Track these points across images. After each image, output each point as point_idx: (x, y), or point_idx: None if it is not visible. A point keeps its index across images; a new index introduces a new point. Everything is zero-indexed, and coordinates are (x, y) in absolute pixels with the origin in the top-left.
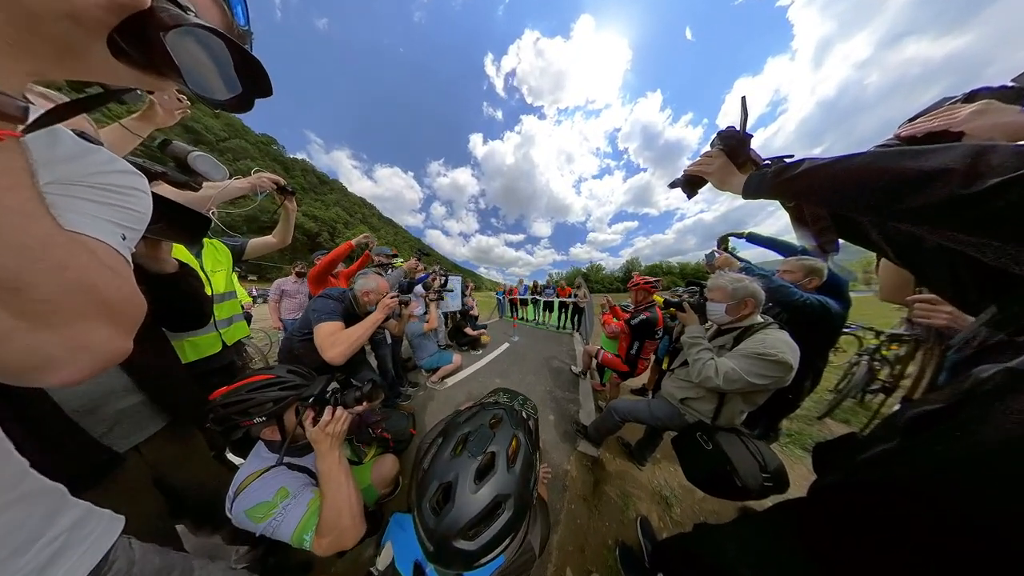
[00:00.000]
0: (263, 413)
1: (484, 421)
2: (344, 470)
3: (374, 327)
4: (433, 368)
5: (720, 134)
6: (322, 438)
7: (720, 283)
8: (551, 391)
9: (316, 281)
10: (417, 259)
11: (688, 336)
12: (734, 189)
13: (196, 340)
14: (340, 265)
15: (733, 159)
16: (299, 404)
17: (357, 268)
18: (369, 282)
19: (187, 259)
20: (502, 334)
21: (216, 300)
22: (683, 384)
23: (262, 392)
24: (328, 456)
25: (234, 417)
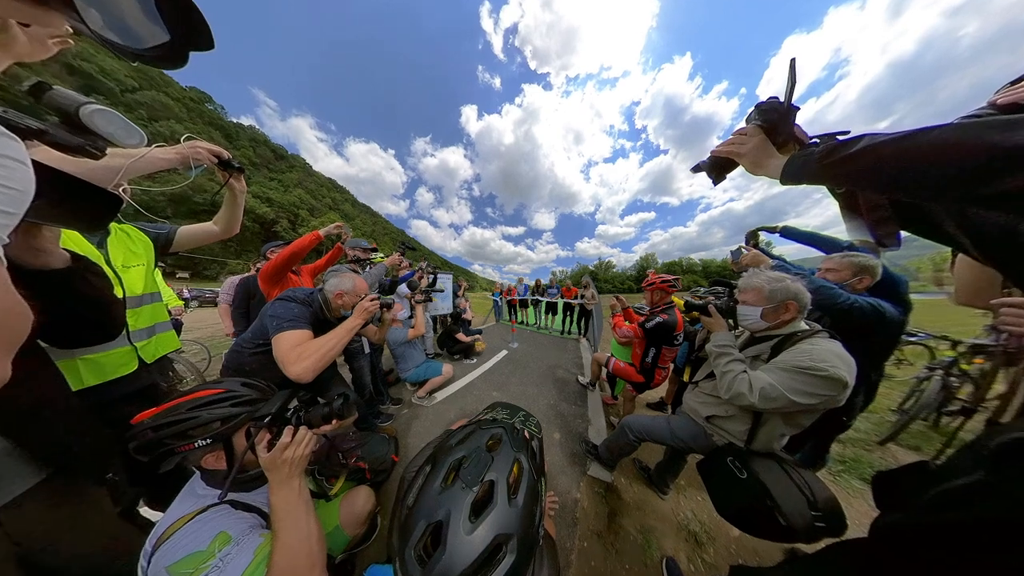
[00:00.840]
0: (208, 435)
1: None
2: (304, 504)
3: (350, 335)
4: (419, 381)
5: (759, 107)
6: (278, 464)
7: (754, 283)
8: (555, 405)
9: (271, 280)
10: (400, 254)
11: (715, 344)
12: (770, 173)
13: (98, 358)
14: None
15: (772, 137)
16: (252, 424)
17: (327, 264)
18: (343, 281)
19: (86, 250)
20: (499, 340)
21: (130, 304)
22: (709, 400)
23: (210, 409)
24: (284, 487)
25: (169, 441)
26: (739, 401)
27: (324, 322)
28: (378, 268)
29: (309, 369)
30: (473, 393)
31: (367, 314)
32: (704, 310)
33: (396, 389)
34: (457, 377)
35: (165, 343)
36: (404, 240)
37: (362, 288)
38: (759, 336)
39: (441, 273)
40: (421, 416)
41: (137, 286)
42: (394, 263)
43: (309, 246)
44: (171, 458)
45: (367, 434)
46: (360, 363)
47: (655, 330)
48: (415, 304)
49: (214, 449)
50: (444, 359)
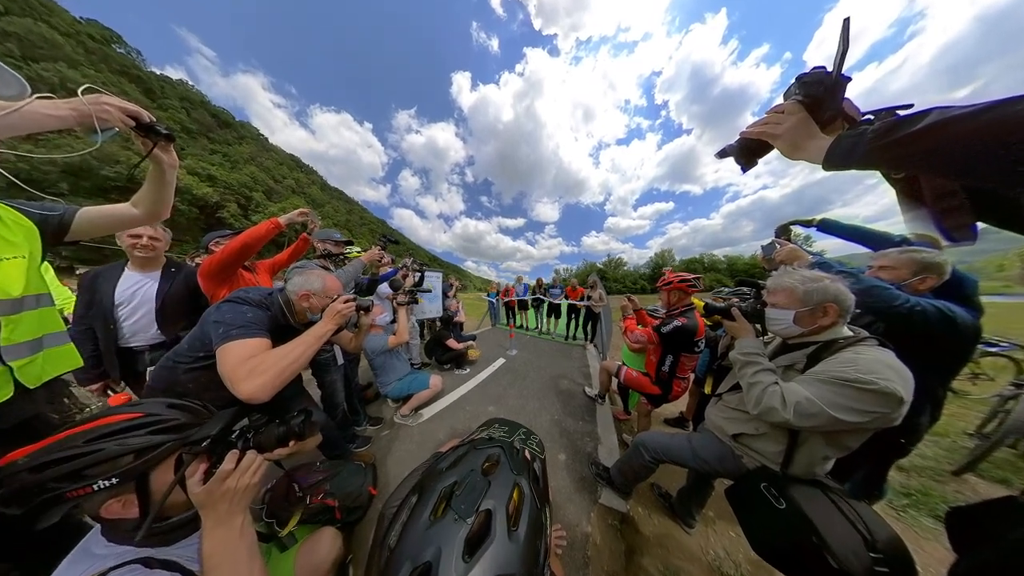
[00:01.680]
0: (115, 472)
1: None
2: (246, 549)
3: (318, 344)
4: (403, 396)
5: (801, 79)
6: (217, 499)
7: (786, 283)
8: (560, 421)
9: (216, 277)
10: (381, 248)
11: (740, 352)
12: (811, 157)
13: None
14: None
15: (816, 114)
16: (183, 451)
17: (290, 258)
18: (311, 280)
19: None
20: (496, 347)
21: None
22: (735, 415)
23: (121, 439)
24: (223, 526)
25: (56, 485)
26: (770, 417)
27: (286, 329)
28: (354, 264)
29: (266, 386)
30: (466, 408)
31: (340, 318)
32: (727, 313)
33: (375, 407)
34: (447, 390)
35: (58, 360)
36: (385, 232)
37: (334, 288)
38: (792, 343)
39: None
40: (405, 438)
41: (13, 285)
42: (373, 259)
43: (266, 236)
44: (55, 508)
45: (338, 463)
46: (331, 377)
47: (673, 335)
48: (398, 306)
49: (121, 492)
50: (432, 370)
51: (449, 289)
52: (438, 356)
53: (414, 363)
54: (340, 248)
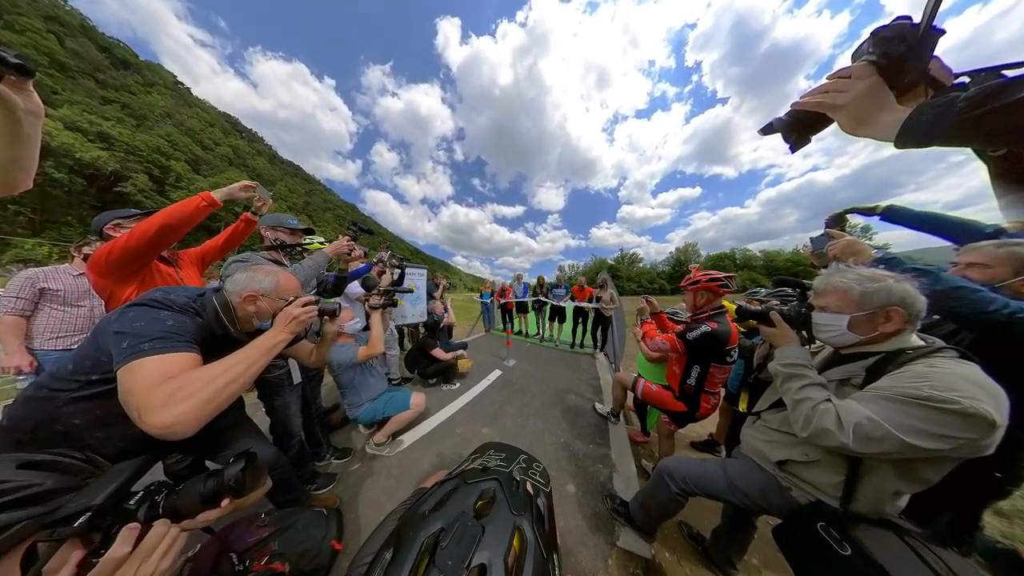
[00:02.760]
0: None
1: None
2: None
3: (268, 358)
4: (378, 420)
5: (877, 34)
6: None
7: (838, 282)
8: (567, 444)
9: (114, 272)
10: (351, 239)
11: (782, 363)
12: (881, 132)
13: None
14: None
15: (892, 78)
16: (39, 539)
17: (225, 247)
18: (259, 278)
19: None
20: (491, 356)
21: None
22: (779, 438)
23: None
24: None
25: None
26: (823, 441)
27: (222, 340)
28: (315, 259)
29: (189, 416)
30: (455, 432)
31: (298, 326)
32: (764, 318)
33: (342, 434)
34: (432, 410)
35: None
36: (355, 219)
37: (289, 287)
38: (846, 354)
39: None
40: (380, 472)
41: None
42: (340, 251)
43: (194, 217)
44: None
45: (291, 512)
46: (284, 400)
47: (700, 342)
48: (371, 310)
49: None
50: (414, 386)
51: (435, 289)
52: (421, 369)
53: (392, 378)
54: (297, 238)
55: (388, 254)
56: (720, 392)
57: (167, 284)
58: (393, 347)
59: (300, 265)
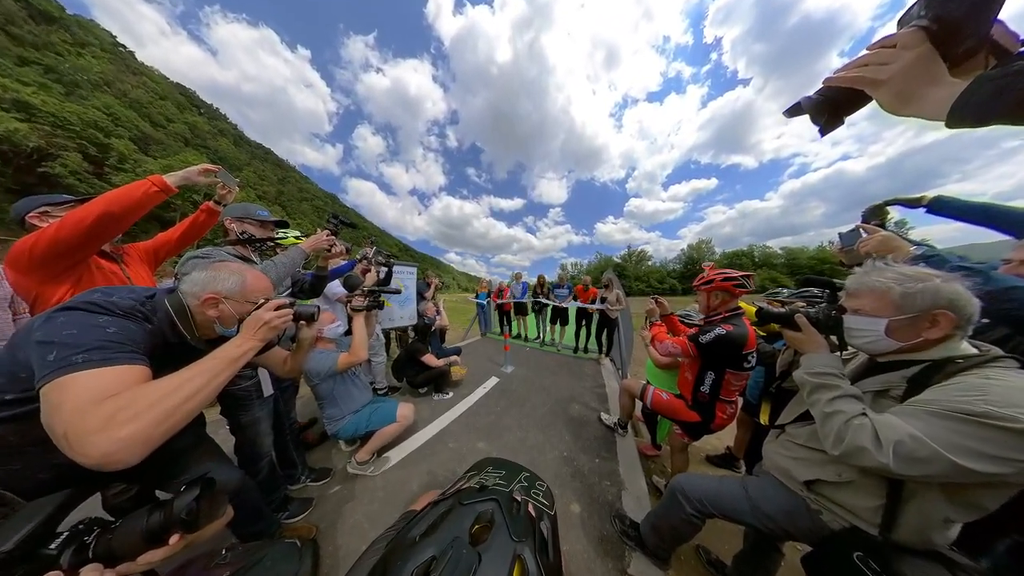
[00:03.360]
0: None
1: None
2: None
3: (233, 370)
4: (360, 435)
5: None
6: None
7: (875, 282)
8: (571, 458)
9: (40, 269)
10: (331, 232)
11: (809, 371)
12: (928, 110)
13: None
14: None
15: (946, 47)
16: None
17: (181, 241)
18: (223, 277)
19: None
20: (487, 362)
21: None
22: (807, 455)
23: None
24: None
25: None
26: (858, 460)
27: (176, 349)
28: (290, 255)
29: (134, 443)
30: (448, 446)
31: (270, 332)
32: (788, 321)
33: (320, 452)
34: (422, 423)
35: None
36: (336, 212)
37: (260, 288)
38: (885, 362)
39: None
40: (363, 494)
41: None
42: (319, 247)
43: (142, 204)
44: None
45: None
46: (253, 415)
47: (714, 347)
48: (354, 313)
49: None
50: (402, 395)
51: (426, 289)
52: (411, 377)
53: (378, 388)
54: (268, 231)
55: (373, 250)
56: (737, 401)
57: (110, 283)
58: (379, 353)
59: (272, 262)
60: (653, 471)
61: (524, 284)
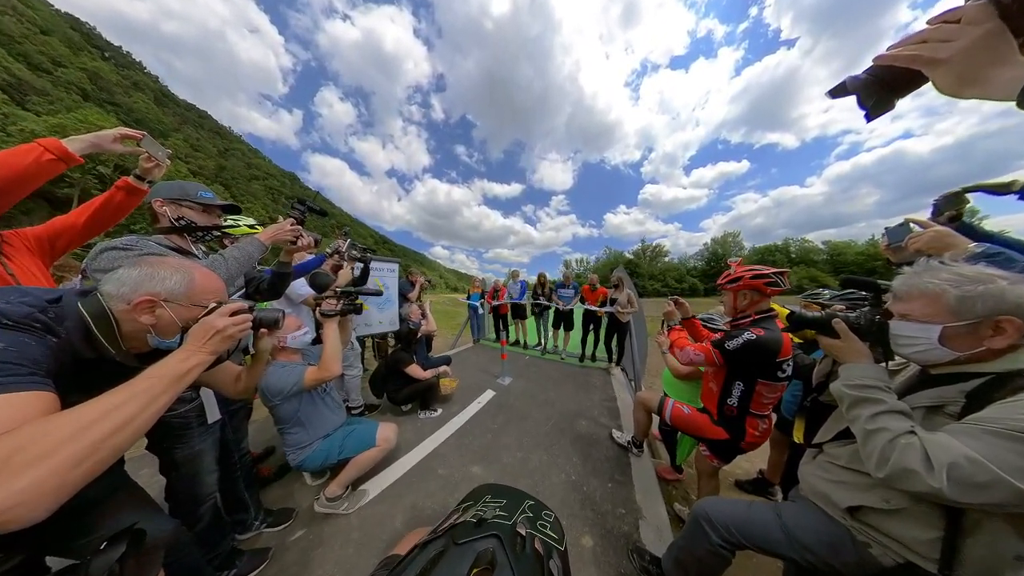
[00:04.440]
0: None
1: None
2: None
3: (175, 391)
4: (330, 466)
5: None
6: None
7: (926, 284)
8: (579, 482)
9: None
10: (296, 221)
11: (848, 383)
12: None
13: None
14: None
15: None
16: None
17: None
18: (163, 275)
19: None
20: (481, 373)
21: None
22: (849, 479)
23: None
24: None
25: None
26: (906, 484)
27: (92, 368)
28: (244, 248)
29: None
30: (437, 473)
31: (224, 343)
32: (824, 326)
33: (280, 490)
34: (406, 447)
35: None
36: (299, 195)
37: (210, 288)
38: (939, 374)
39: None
40: (333, 538)
41: None
42: (280, 238)
43: (28, 177)
44: None
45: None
46: (192, 449)
47: (742, 353)
48: (324, 318)
49: None
50: (382, 414)
51: (410, 289)
52: (392, 393)
53: (353, 407)
54: (213, 218)
55: (347, 243)
56: (771, 416)
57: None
58: (353, 365)
59: (221, 257)
60: (674, 498)
61: (523, 283)
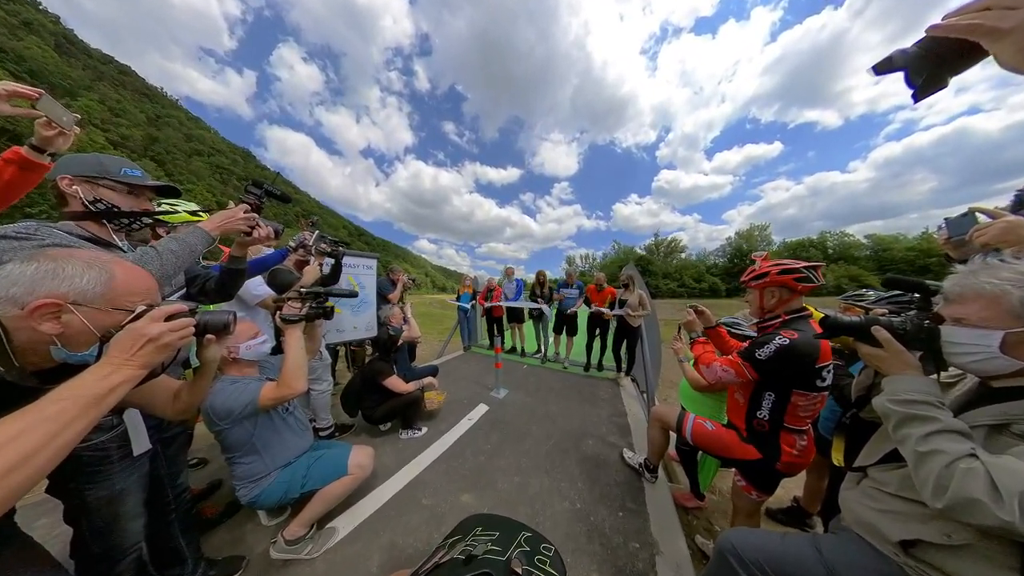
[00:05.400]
0: None
1: None
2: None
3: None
4: (291, 502)
5: None
6: None
7: (983, 284)
8: (585, 512)
9: None
10: (252, 207)
11: (894, 398)
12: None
13: None
14: None
15: None
16: None
17: None
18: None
19: None
20: (472, 385)
21: None
22: (900, 508)
23: None
24: None
25: None
26: (969, 515)
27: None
28: (185, 239)
29: None
30: (420, 503)
31: (158, 354)
32: (863, 333)
33: (226, 533)
34: (384, 474)
35: None
36: (255, 177)
37: (137, 287)
38: (1003, 387)
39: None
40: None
41: None
42: (232, 228)
43: None
44: None
45: None
46: (110, 489)
47: (775, 362)
48: (286, 324)
49: None
50: (356, 436)
51: (390, 289)
52: (368, 410)
53: (321, 428)
54: (141, 201)
55: (315, 235)
56: (809, 432)
57: None
58: (323, 379)
59: (154, 249)
60: (696, 529)
61: (519, 282)
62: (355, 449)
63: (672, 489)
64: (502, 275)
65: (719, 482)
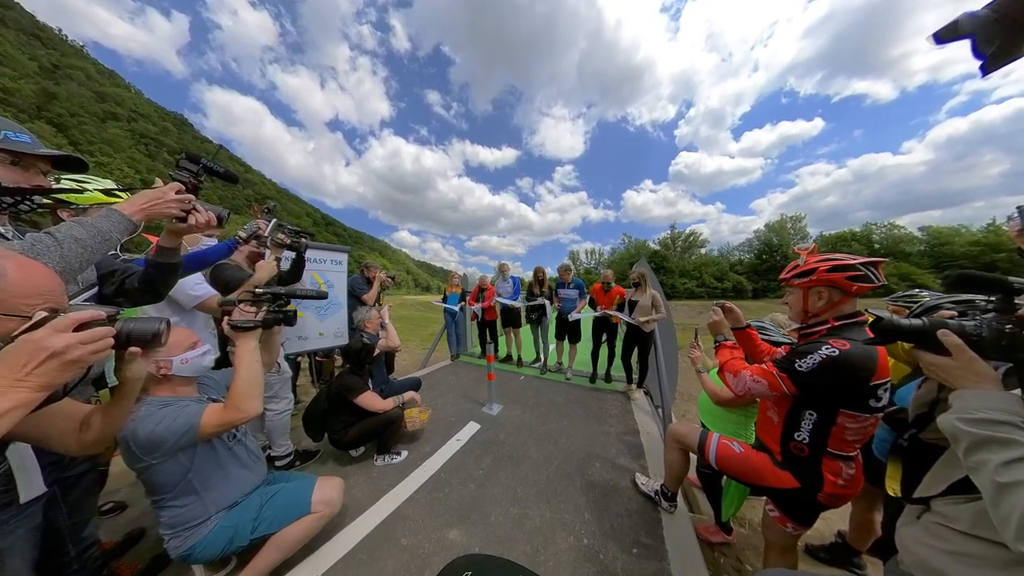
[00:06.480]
0: None
1: None
2: None
3: None
4: (239, 551)
5: None
6: None
7: None
8: (593, 548)
9: None
10: (186, 187)
11: (966, 416)
12: None
13: None
14: None
15: None
16: None
17: None
18: None
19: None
20: (461, 399)
21: None
22: (973, 549)
23: None
24: None
25: None
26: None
27: None
28: (97, 225)
29: None
30: (399, 543)
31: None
32: (928, 338)
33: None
34: (357, 510)
35: None
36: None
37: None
38: None
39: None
40: None
41: None
42: (159, 211)
43: None
44: None
45: None
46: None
47: (820, 376)
48: (236, 331)
49: None
50: (321, 465)
51: (365, 288)
52: (338, 433)
53: (277, 456)
54: (31, 175)
55: (271, 223)
56: (858, 458)
57: None
58: (282, 396)
59: (52, 237)
60: (723, 568)
61: (515, 280)
62: (320, 481)
63: (694, 521)
64: (495, 272)
65: (748, 511)
